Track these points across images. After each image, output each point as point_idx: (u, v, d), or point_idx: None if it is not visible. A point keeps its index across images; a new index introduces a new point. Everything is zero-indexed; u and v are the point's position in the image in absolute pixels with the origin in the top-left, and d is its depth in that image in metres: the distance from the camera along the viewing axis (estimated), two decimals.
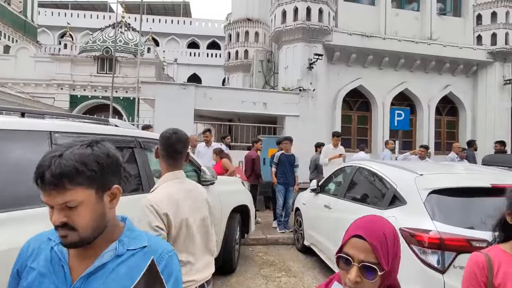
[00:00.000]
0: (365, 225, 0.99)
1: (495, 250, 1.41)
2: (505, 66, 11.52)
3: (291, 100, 9.95)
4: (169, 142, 1.81)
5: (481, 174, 3.21)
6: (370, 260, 0.92)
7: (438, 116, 11.86)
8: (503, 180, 3.03)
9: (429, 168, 3.73)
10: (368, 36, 10.49)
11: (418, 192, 3.00)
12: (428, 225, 2.75)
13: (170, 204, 1.68)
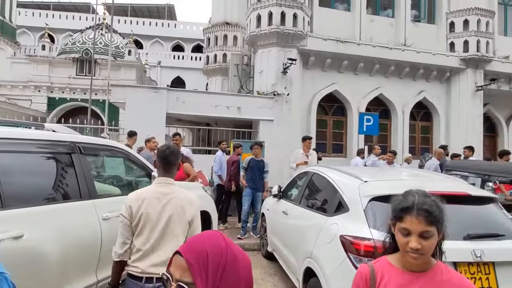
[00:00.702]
0: (191, 240, 0.91)
1: (381, 261, 1.37)
2: (477, 72, 11.76)
3: (266, 104, 9.93)
4: (164, 155, 2.23)
5: (422, 181, 3.21)
6: (184, 280, 0.84)
7: (412, 121, 12.02)
8: (440, 187, 3.03)
9: (376, 174, 3.73)
10: (343, 42, 10.57)
11: (360, 199, 2.98)
12: (366, 233, 2.73)
13: (135, 200, 2.13)
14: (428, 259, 1.29)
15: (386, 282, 1.30)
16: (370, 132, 7.52)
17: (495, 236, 2.72)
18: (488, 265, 2.58)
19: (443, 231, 1.32)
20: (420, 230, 1.22)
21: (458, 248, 2.59)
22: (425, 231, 1.22)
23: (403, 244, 1.25)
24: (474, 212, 2.94)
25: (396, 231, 1.30)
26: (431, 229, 1.22)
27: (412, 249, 1.22)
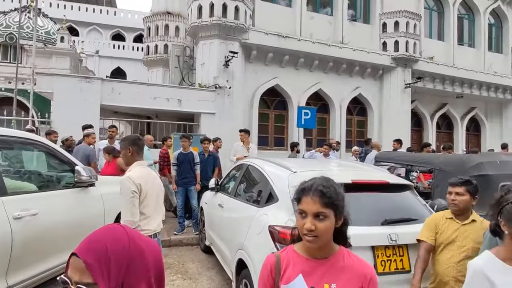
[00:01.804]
0: (88, 239, 0.84)
1: (288, 250, 1.38)
2: (406, 71, 12.68)
3: (207, 97, 9.78)
4: (139, 144, 2.98)
5: (346, 171, 3.36)
6: (84, 281, 0.79)
7: (349, 115, 12.64)
8: (362, 176, 3.20)
9: (306, 165, 3.83)
10: (284, 37, 10.74)
11: (289, 190, 3.03)
12: (291, 223, 2.78)
13: (141, 178, 2.76)
14: (329, 245, 1.32)
15: (290, 270, 1.31)
16: (308, 126, 7.75)
17: (409, 220, 2.93)
18: (402, 248, 2.78)
19: (345, 217, 1.35)
20: (315, 210, 1.23)
21: (376, 233, 2.75)
22: (320, 212, 1.23)
23: (301, 227, 1.26)
24: (392, 199, 3.14)
25: (297, 214, 1.30)
26: (326, 211, 1.24)
27: (307, 230, 1.23)
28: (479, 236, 2.37)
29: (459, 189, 2.48)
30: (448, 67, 13.63)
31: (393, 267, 2.72)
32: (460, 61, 14.16)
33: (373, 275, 1.31)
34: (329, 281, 1.27)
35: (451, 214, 2.55)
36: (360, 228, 2.74)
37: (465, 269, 2.23)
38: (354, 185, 3.02)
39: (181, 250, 6.05)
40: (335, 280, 1.27)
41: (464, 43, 15.12)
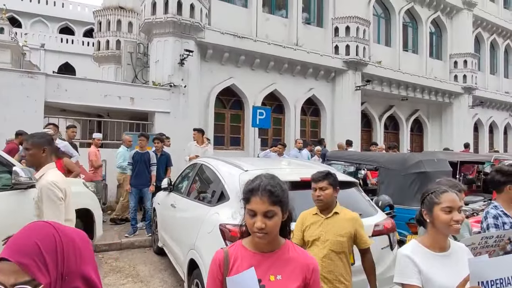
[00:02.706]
0: (13, 242, 0.83)
1: (236, 245, 1.43)
2: (356, 74, 13.28)
3: (162, 96, 9.57)
4: (53, 145, 2.85)
5: (296, 169, 3.48)
6: (21, 281, 0.78)
7: (303, 116, 12.99)
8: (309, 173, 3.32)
9: (259, 164, 3.91)
10: (240, 37, 10.79)
11: (240, 188, 3.07)
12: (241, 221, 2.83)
13: (64, 183, 2.55)
14: (276, 239, 1.38)
15: (238, 264, 1.36)
16: (262, 125, 7.87)
17: None
18: None
19: (290, 212, 1.42)
20: (264, 209, 1.29)
21: None
22: (269, 210, 1.30)
23: (251, 225, 1.32)
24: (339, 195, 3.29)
25: (246, 213, 1.35)
26: (274, 208, 1.31)
27: (258, 229, 1.29)
28: (342, 228, 2.39)
29: (322, 183, 2.45)
30: (394, 71, 14.49)
31: None
32: (405, 66, 15.12)
33: (315, 266, 1.40)
34: (275, 272, 1.34)
35: (317, 209, 2.53)
36: None
37: (329, 265, 2.37)
38: (303, 183, 3.14)
39: (133, 252, 5.88)
40: (281, 272, 1.34)
41: (409, 49, 16.17)
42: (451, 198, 1.61)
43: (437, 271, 1.56)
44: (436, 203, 1.62)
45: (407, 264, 1.60)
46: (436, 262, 1.59)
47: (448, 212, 1.59)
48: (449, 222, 1.57)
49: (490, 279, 1.30)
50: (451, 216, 1.57)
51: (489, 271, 1.32)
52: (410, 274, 1.58)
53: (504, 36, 20.17)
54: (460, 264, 1.55)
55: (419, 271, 1.57)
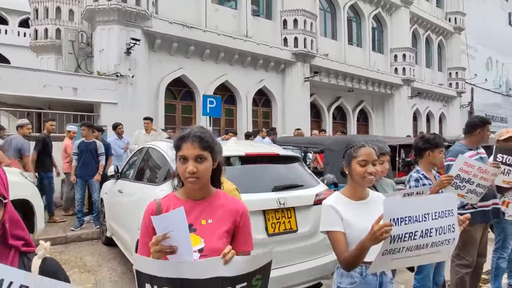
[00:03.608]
0: None
1: (169, 196, 1.48)
2: (305, 66, 13.71)
3: (108, 86, 9.21)
4: None
5: (242, 146, 3.58)
6: None
7: (255, 107, 13.18)
8: (257, 150, 3.46)
9: None
10: (189, 27, 10.67)
11: None
12: None
13: None
14: (207, 187, 1.45)
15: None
16: (213, 114, 7.89)
17: (296, 187, 3.28)
18: (290, 210, 3.10)
19: (219, 163, 1.50)
20: (195, 154, 1.35)
21: (266, 198, 3.01)
22: (199, 155, 1.36)
23: (182, 172, 1.36)
24: (282, 169, 3.46)
25: (177, 162, 1.40)
26: (205, 153, 1.37)
27: (189, 173, 1.34)
28: None
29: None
30: (341, 64, 15.16)
31: (282, 228, 3.02)
32: (350, 58, 15.88)
33: (245, 210, 1.48)
34: (206, 217, 1.41)
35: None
36: (253, 194, 2.99)
37: None
38: (248, 158, 3.26)
39: (80, 245, 5.67)
40: (211, 216, 1.41)
41: (353, 43, 16.99)
42: (366, 152, 1.77)
43: (356, 217, 1.73)
44: (354, 156, 1.78)
45: (330, 213, 1.75)
46: (356, 210, 1.76)
47: (363, 165, 1.75)
48: (364, 174, 1.73)
49: (401, 216, 1.48)
50: (365, 169, 1.74)
51: (401, 209, 1.49)
52: (334, 222, 1.73)
53: (437, 33, 21.88)
54: (377, 210, 1.73)
55: (341, 218, 1.72)
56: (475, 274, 3.38)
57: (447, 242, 1.61)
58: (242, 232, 1.45)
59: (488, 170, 2.64)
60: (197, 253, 1.33)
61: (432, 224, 1.54)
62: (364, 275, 1.73)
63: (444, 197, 1.80)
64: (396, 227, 1.45)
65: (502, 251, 3.62)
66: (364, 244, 1.51)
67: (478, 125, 3.24)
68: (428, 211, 1.53)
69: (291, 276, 2.95)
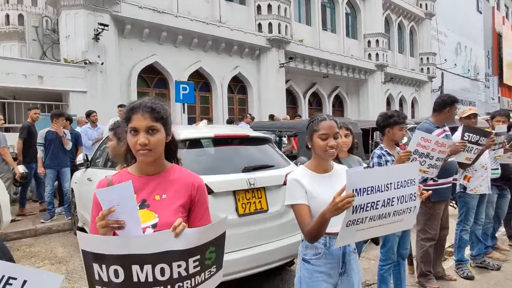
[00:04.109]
0: None
1: (121, 173, 1.44)
2: (280, 52, 13.68)
3: (76, 74, 8.88)
4: None
5: (212, 129, 3.56)
6: None
7: (230, 94, 13.09)
8: (227, 131, 3.44)
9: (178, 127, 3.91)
10: (161, 12, 10.38)
11: None
12: None
13: None
14: (161, 160, 1.40)
15: None
16: (186, 100, 7.77)
17: (266, 167, 3.30)
18: (260, 190, 3.11)
19: (173, 136, 1.47)
20: (146, 125, 1.30)
21: (236, 179, 3.01)
22: (151, 126, 1.30)
23: (134, 144, 1.30)
24: (252, 150, 3.47)
25: (128, 135, 1.34)
26: (157, 124, 1.31)
27: (141, 145, 1.29)
28: None
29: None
30: (315, 50, 15.22)
31: (252, 208, 3.03)
32: (325, 44, 15.96)
33: (201, 183, 1.45)
34: (160, 192, 1.37)
35: None
36: (223, 176, 2.98)
37: None
38: (218, 139, 3.23)
39: (50, 237, 5.52)
40: (165, 191, 1.37)
41: (327, 28, 17.06)
42: (327, 125, 1.76)
43: (319, 189, 1.74)
44: (315, 130, 1.78)
45: (295, 187, 1.76)
46: (320, 182, 1.78)
47: (324, 138, 1.75)
48: (325, 148, 1.74)
49: (363, 186, 1.50)
50: (326, 142, 1.74)
51: (363, 180, 1.51)
52: (298, 195, 1.74)
53: (409, 18, 22.27)
54: (341, 181, 1.75)
55: (306, 191, 1.74)
56: (438, 246, 3.53)
57: (409, 211, 1.65)
58: (199, 207, 1.42)
59: (444, 143, 2.74)
60: (150, 228, 1.30)
61: (394, 193, 1.56)
62: (328, 246, 1.76)
63: (406, 167, 1.85)
64: (359, 197, 1.46)
65: (464, 223, 3.80)
66: (325, 215, 1.51)
67: (447, 103, 3.33)
68: (391, 180, 1.56)
69: (264, 255, 2.98)
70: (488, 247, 4.30)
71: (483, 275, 3.84)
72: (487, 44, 31.59)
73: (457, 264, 3.87)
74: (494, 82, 32.16)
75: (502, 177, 4.09)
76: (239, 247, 2.85)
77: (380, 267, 3.00)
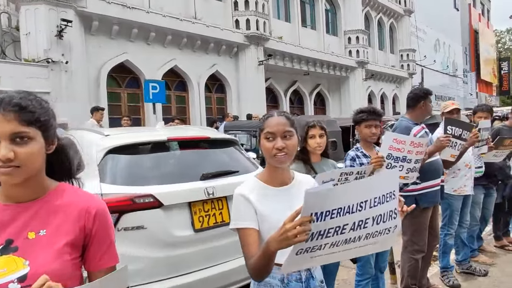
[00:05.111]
0: None
1: None
2: (259, 49, 13.32)
3: (38, 74, 8.29)
4: None
5: (165, 131, 3.15)
6: None
7: (208, 93, 12.65)
8: (184, 134, 3.04)
9: (126, 130, 3.50)
10: (131, 8, 9.86)
11: (96, 154, 2.64)
12: (95, 189, 2.42)
13: None
14: (38, 181, 0.99)
15: None
16: (157, 100, 7.32)
17: (230, 173, 2.90)
18: (221, 200, 2.72)
19: (62, 143, 1.07)
20: (11, 131, 0.89)
21: (192, 188, 2.61)
22: (18, 132, 0.90)
23: None
24: (213, 154, 3.07)
25: None
26: (29, 130, 0.91)
27: (1, 161, 0.88)
28: None
29: None
30: (295, 47, 14.93)
31: (212, 222, 2.63)
32: (305, 41, 15.69)
33: (100, 208, 1.04)
34: (37, 227, 0.96)
35: None
36: (176, 185, 2.58)
37: None
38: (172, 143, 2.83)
39: None
40: (45, 225, 0.96)
41: (307, 25, 16.81)
42: (273, 122, 1.35)
43: (273, 206, 1.36)
44: (262, 129, 1.39)
45: (242, 205, 1.37)
46: (274, 198, 1.39)
47: (271, 139, 1.35)
48: (271, 151, 1.34)
49: (326, 209, 1.10)
50: (273, 144, 1.33)
51: (327, 201, 1.11)
52: (245, 216, 1.34)
53: (388, 15, 22.29)
54: (301, 197, 1.38)
55: (255, 210, 1.35)
56: (426, 257, 3.23)
57: (387, 231, 1.28)
58: (98, 242, 1.02)
59: (421, 143, 2.37)
60: (15, 284, 0.89)
61: (369, 213, 1.19)
62: (287, 282, 1.39)
63: (384, 177, 1.43)
64: (319, 222, 1.09)
65: (449, 227, 3.51)
66: (270, 246, 1.12)
67: (421, 96, 3.02)
68: (365, 197, 1.17)
69: (225, 275, 2.59)
70: (474, 250, 4.05)
71: (470, 282, 3.57)
72: (465, 41, 32.10)
73: (442, 271, 3.58)
74: (472, 78, 32.73)
75: (486, 175, 3.82)
76: (194, 268, 2.46)
77: (357, 283, 2.67)
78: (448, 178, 3.47)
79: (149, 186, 2.48)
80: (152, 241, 2.37)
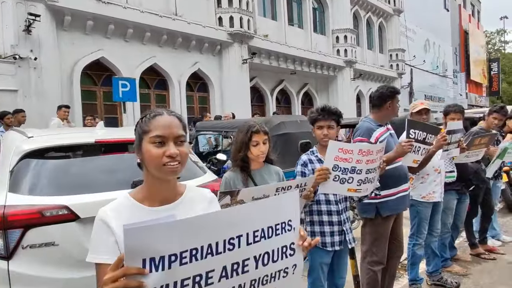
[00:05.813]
0: None
1: None
2: (243, 47, 13.00)
3: (4, 70, 7.88)
4: None
5: (94, 132, 2.83)
6: None
7: (190, 92, 12.31)
8: (112, 136, 2.72)
9: (56, 131, 3.18)
10: (106, 3, 9.48)
11: (10, 158, 2.32)
12: (1, 199, 2.10)
13: None
14: None
15: None
16: (127, 99, 6.99)
17: None
18: None
19: None
20: None
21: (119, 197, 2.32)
22: None
23: None
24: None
25: None
26: None
27: None
28: None
29: None
30: (281, 45, 14.63)
31: None
32: (291, 40, 15.41)
33: None
34: None
35: None
36: (105, 194, 2.27)
37: None
38: (102, 146, 2.52)
39: None
40: None
41: (294, 23, 16.53)
42: (163, 123, 1.10)
43: None
44: (145, 131, 1.11)
45: (100, 232, 1.07)
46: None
47: (160, 145, 1.09)
48: (161, 159, 1.07)
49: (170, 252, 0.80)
50: (163, 150, 1.08)
51: (171, 238, 0.80)
52: (102, 247, 1.05)
53: (377, 14, 22.12)
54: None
55: (116, 240, 1.05)
56: (390, 274, 2.96)
57: (283, 274, 0.99)
58: None
59: (371, 150, 2.07)
60: None
61: (247, 252, 0.91)
62: None
63: (273, 203, 1.03)
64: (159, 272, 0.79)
65: (417, 237, 3.25)
66: None
67: (388, 96, 2.77)
68: (239, 231, 0.89)
69: None
70: (447, 259, 3.80)
71: None
72: (455, 41, 32.11)
73: (411, 284, 3.33)
74: (461, 79, 32.75)
75: (460, 180, 3.57)
76: None
77: None
78: (415, 183, 3.22)
79: (66, 196, 2.17)
80: (64, 260, 2.07)
